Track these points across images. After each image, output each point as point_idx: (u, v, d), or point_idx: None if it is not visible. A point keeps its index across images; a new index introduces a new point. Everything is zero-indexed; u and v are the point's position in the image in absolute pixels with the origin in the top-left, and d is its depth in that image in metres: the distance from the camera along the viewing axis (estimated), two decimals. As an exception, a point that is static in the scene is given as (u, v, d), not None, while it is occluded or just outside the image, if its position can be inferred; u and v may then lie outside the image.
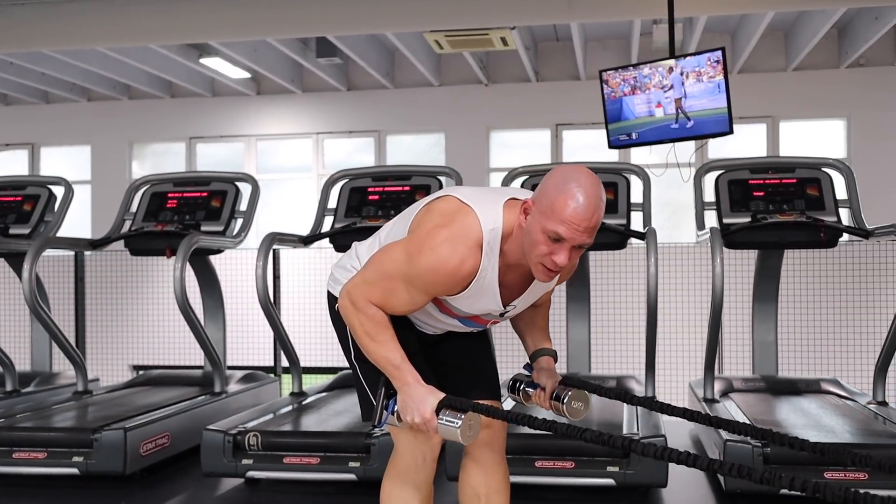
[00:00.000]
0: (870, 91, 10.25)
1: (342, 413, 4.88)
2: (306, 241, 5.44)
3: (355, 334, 2.47)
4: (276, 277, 6.71)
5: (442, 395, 2.40)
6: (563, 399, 2.60)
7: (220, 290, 5.98)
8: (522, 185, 5.50)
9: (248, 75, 10.48)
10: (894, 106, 10.24)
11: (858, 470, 3.81)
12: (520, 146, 11.15)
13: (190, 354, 7.92)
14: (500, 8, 7.63)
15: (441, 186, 5.59)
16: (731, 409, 4.85)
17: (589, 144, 10.93)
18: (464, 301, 2.46)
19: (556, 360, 2.78)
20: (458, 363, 2.77)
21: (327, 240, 5.55)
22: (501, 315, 2.57)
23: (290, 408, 5.03)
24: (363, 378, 2.65)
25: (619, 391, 2.65)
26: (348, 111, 11.08)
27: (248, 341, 7.40)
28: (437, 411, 2.38)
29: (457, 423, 2.36)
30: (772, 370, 5.55)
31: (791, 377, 5.58)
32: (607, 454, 4.04)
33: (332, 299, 2.69)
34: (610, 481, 4.03)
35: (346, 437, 4.26)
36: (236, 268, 7.33)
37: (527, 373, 2.79)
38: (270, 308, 5.04)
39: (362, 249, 2.69)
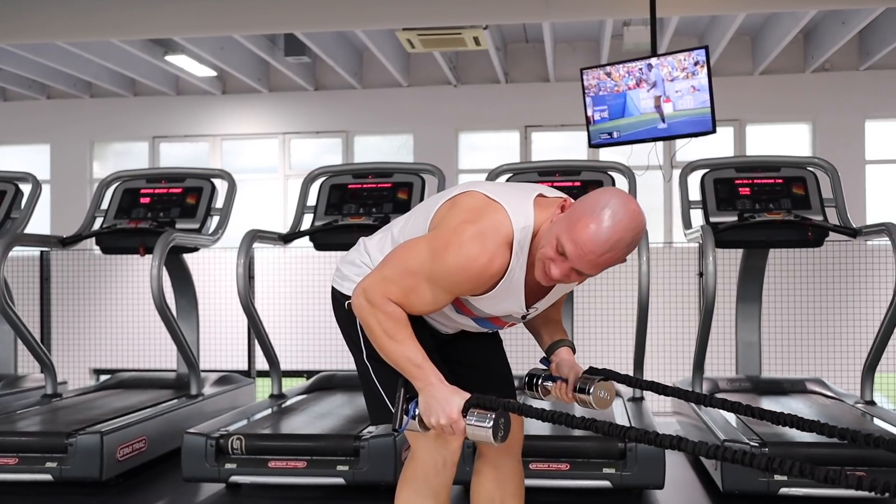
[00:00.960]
0: (834, 95, 10.34)
1: (326, 415, 4.76)
2: (286, 239, 5.30)
3: (372, 333, 2.34)
4: (251, 277, 6.55)
5: (467, 394, 2.28)
6: (590, 390, 2.48)
7: (193, 289, 5.82)
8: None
9: (213, 74, 10.28)
10: (858, 110, 10.34)
11: (859, 468, 3.79)
12: (489, 148, 11.08)
13: (154, 357, 7.74)
14: (475, 6, 7.55)
15: (424, 184, 5.49)
16: (722, 411, 4.80)
17: (558, 147, 10.90)
18: (487, 302, 2.35)
19: (574, 352, 2.69)
20: (471, 362, 2.66)
21: (302, 238, 5.41)
22: (523, 318, 2.47)
23: (271, 410, 4.89)
24: (377, 379, 2.52)
25: (647, 382, 2.56)
26: (315, 111, 10.92)
27: (220, 343, 7.22)
28: (464, 412, 2.26)
29: (488, 424, 2.23)
30: (755, 370, 5.53)
31: (776, 377, 5.57)
32: (603, 455, 3.98)
33: (338, 296, 2.57)
34: (606, 483, 3.96)
35: (333, 440, 4.14)
36: (205, 267, 7.14)
37: (543, 367, 2.69)
38: (252, 309, 4.91)
39: (371, 245, 2.58)
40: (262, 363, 6.87)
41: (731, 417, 4.57)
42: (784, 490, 3.83)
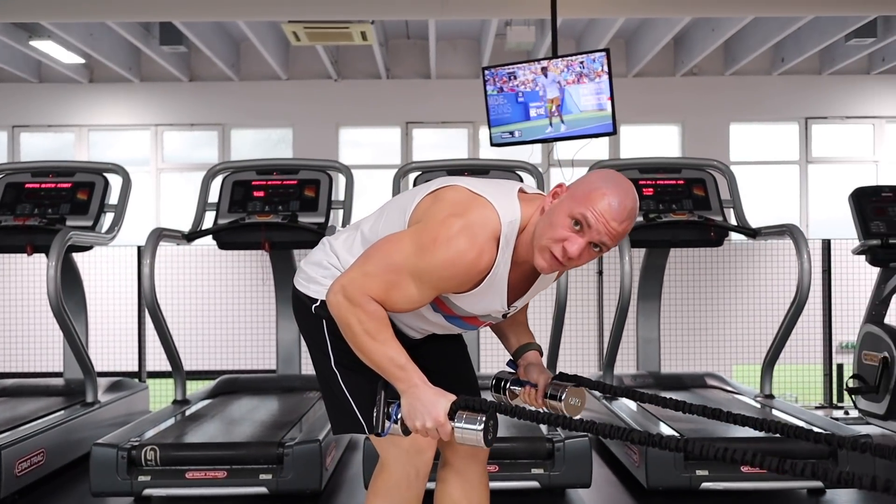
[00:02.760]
0: (702, 99, 10.76)
1: (241, 421, 4.58)
2: (190, 237, 5.07)
3: (351, 334, 2.23)
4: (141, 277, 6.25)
5: (453, 396, 2.21)
6: (561, 396, 2.46)
7: (83, 290, 5.50)
8: (415, 182, 5.38)
9: (81, 61, 9.73)
10: (723, 113, 10.80)
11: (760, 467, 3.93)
12: (369, 144, 10.98)
13: (30, 361, 7.28)
14: (369, 1, 7.45)
15: (331, 181, 5.37)
16: (631, 406, 4.91)
17: (438, 143, 10.91)
18: (470, 299, 2.29)
19: (542, 355, 2.67)
20: (437, 367, 2.58)
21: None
22: (504, 316, 2.43)
23: (179, 417, 4.67)
24: (345, 387, 2.43)
25: (621, 388, 2.55)
26: (190, 103, 10.52)
27: (101, 345, 6.85)
28: (451, 414, 2.20)
29: (478, 426, 2.17)
30: (655, 367, 5.69)
31: (676, 372, 5.74)
32: (531, 456, 3.99)
33: (303, 300, 2.46)
34: (534, 483, 3.97)
35: (255, 448, 3.99)
36: (86, 265, 6.77)
37: (510, 370, 2.66)
38: (158, 311, 4.67)
39: (338, 245, 2.47)
40: (150, 366, 6.61)
41: (640, 411, 4.68)
42: (706, 485, 3.94)
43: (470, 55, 10.68)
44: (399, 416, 2.25)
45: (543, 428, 4.21)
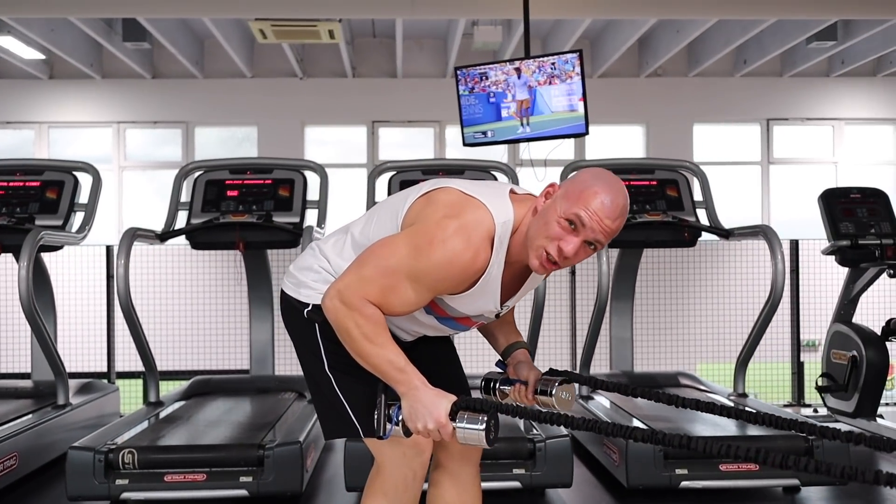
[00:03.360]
0: (666, 100, 10.86)
1: (218, 423, 4.54)
2: (163, 237, 5.01)
3: (349, 338, 2.22)
4: (110, 277, 6.18)
5: (453, 397, 2.22)
6: (551, 392, 2.47)
7: (51, 290, 5.40)
8: (390, 182, 5.36)
9: (41, 57, 9.56)
10: (687, 114, 10.91)
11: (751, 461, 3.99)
12: (335, 142, 10.92)
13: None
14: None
15: (305, 181, 5.33)
16: (606, 405, 4.95)
17: (404, 142, 10.90)
18: (463, 300, 2.29)
19: (531, 354, 2.68)
20: (428, 368, 2.59)
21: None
22: (497, 316, 2.43)
23: (154, 419, 4.61)
24: (340, 391, 2.41)
25: (613, 383, 2.56)
26: (153, 100, 10.38)
27: (69, 345, 6.73)
28: (452, 415, 2.20)
29: (480, 426, 2.17)
30: (628, 366, 5.73)
31: (649, 372, 5.79)
32: (513, 456, 4.00)
33: (294, 304, 2.44)
34: (516, 484, 3.98)
35: (235, 450, 3.95)
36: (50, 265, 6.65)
37: (499, 370, 2.66)
38: (133, 312, 4.60)
39: (328, 249, 2.46)
40: (117, 366, 6.52)
41: (617, 409, 4.72)
42: (685, 483, 3.98)
43: (436, 54, 10.67)
44: (400, 419, 2.25)
45: (524, 428, 4.22)
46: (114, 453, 3.84)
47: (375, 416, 2.29)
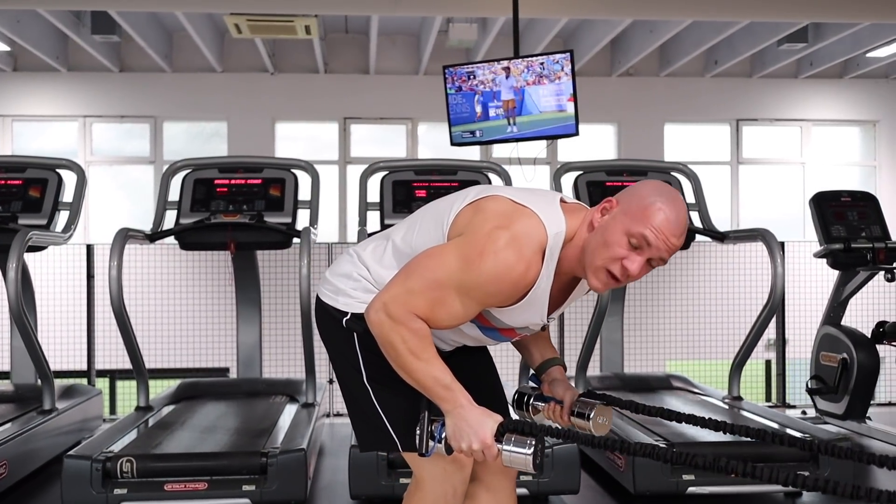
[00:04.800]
0: (637, 100, 10.90)
1: (214, 429, 4.43)
2: (153, 238, 4.88)
3: (394, 353, 2.15)
4: (91, 277, 6.02)
5: (499, 417, 2.16)
6: (590, 415, 2.43)
7: (33, 291, 5.24)
8: (382, 181, 5.28)
9: (6, 48, 9.31)
10: (658, 114, 10.97)
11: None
12: (306, 139, 10.79)
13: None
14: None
15: (296, 180, 5.24)
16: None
17: (376, 139, 10.81)
18: (511, 313, 2.23)
19: (566, 370, 2.63)
20: (467, 381, 2.53)
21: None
22: (543, 328, 2.39)
23: (147, 425, 4.49)
24: (378, 404, 2.33)
25: (656, 408, 2.51)
26: (120, 94, 10.15)
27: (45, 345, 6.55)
28: (498, 436, 2.14)
29: (528, 451, 2.10)
30: (618, 367, 5.72)
31: (641, 374, 5.79)
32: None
33: (331, 312, 2.36)
34: (523, 490, 3.94)
35: (238, 458, 3.86)
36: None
37: (533, 385, 2.61)
38: (125, 314, 4.47)
39: (367, 256, 2.38)
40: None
41: (620, 418, 4.69)
42: (692, 489, 3.97)
43: (409, 51, 10.59)
44: (443, 436, 2.19)
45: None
46: (111, 461, 3.72)
47: (417, 433, 2.23)
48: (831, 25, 9.06)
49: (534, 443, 2.12)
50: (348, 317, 2.34)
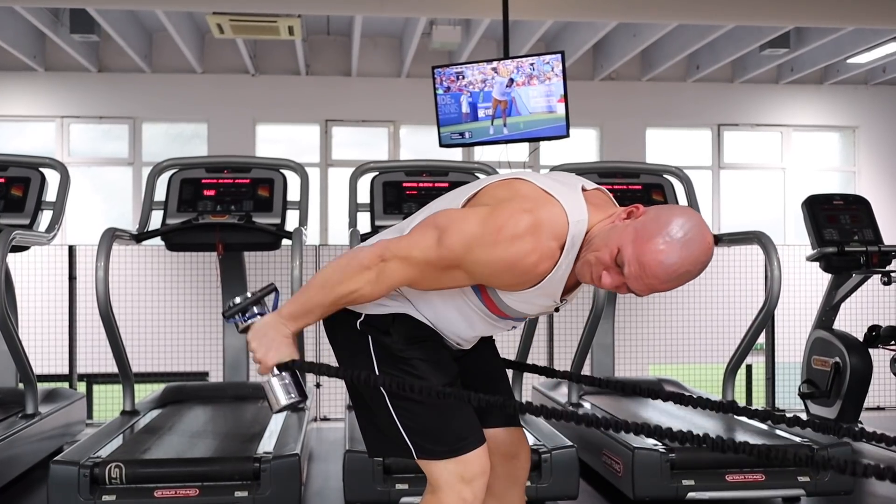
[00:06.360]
0: (619, 103, 10.89)
1: (203, 434, 4.34)
2: (139, 238, 4.77)
3: (335, 278, 2.15)
4: (73, 278, 5.89)
5: (297, 355, 2.21)
6: None
7: (14, 294, 5.11)
8: (372, 183, 5.21)
9: (-19, 47, 9.13)
10: (640, 118, 10.96)
11: (757, 472, 3.97)
12: (287, 141, 10.67)
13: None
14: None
15: (285, 180, 5.15)
16: (598, 413, 4.87)
17: (358, 142, 10.72)
18: (522, 296, 2.15)
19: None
20: (478, 369, 2.50)
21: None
22: (556, 310, 2.35)
23: (133, 430, 4.38)
24: (393, 408, 2.26)
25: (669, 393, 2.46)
26: (99, 94, 10.00)
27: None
28: (282, 367, 2.20)
29: (283, 398, 2.21)
30: (609, 371, 5.68)
31: (633, 378, 5.74)
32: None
33: (339, 313, 2.29)
34: (522, 495, 3.87)
35: (230, 463, 3.77)
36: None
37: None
38: (111, 316, 4.36)
39: None
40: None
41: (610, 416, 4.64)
42: (692, 494, 3.93)
43: (391, 53, 10.52)
44: (250, 322, 2.23)
45: (530, 440, 4.12)
46: (99, 468, 3.62)
47: (247, 298, 2.28)
48: (813, 31, 9.09)
49: (295, 397, 2.22)
50: (362, 318, 2.28)
